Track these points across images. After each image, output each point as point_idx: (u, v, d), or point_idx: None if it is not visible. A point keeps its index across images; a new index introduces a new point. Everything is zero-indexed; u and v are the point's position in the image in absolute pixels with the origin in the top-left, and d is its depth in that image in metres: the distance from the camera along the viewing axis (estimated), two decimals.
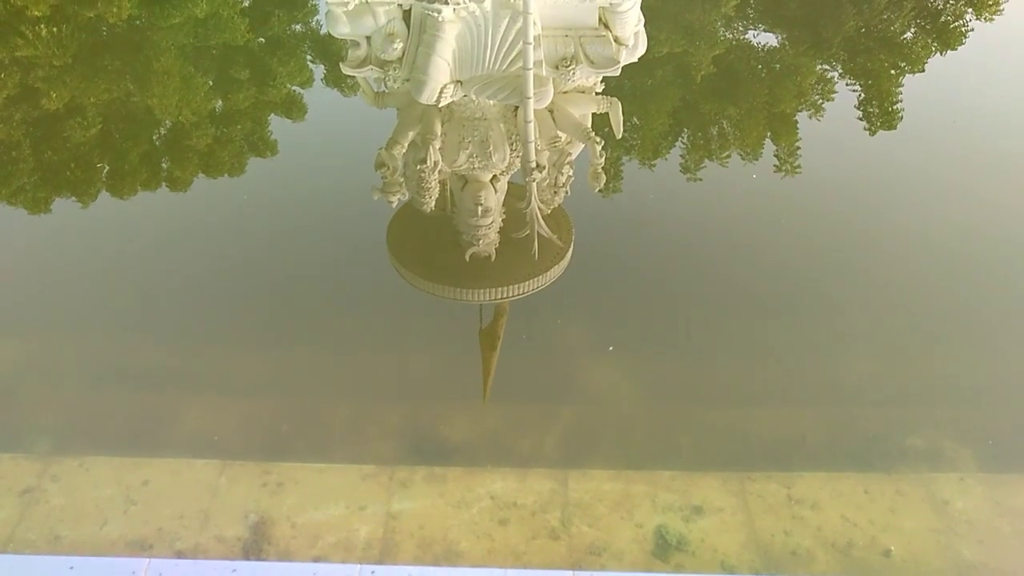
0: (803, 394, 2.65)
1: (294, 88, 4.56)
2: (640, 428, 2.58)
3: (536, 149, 3.19)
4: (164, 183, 3.88)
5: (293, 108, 4.46)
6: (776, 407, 2.58)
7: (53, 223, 3.56)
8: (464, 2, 2.89)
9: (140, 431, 2.50)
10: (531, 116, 3.08)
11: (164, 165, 4.00)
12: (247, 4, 5.13)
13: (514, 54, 3.06)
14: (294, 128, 4.31)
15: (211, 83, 4.51)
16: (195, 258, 3.28)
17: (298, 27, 5.01)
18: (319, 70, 4.59)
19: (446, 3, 2.88)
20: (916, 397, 2.62)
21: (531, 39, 2.92)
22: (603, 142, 3.28)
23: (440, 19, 2.93)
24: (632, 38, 3.11)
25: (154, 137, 4.15)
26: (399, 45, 3.06)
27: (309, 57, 4.73)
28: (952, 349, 2.77)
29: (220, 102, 4.43)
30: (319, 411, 2.61)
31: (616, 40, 3.08)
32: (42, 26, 4.61)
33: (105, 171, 3.92)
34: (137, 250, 3.31)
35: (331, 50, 4.61)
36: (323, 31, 4.45)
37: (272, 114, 4.39)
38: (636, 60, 3.25)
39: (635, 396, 2.69)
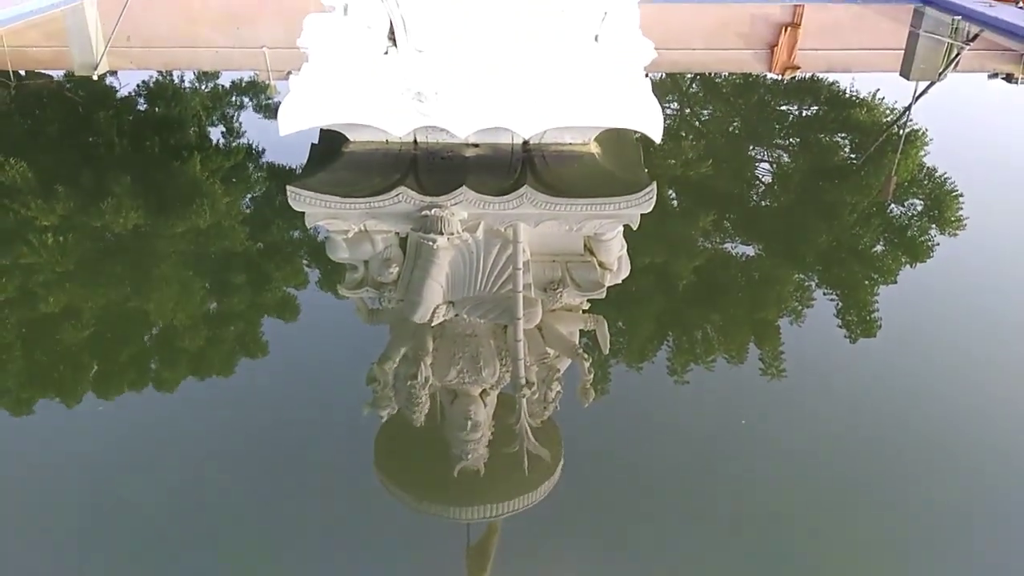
0: None
1: (288, 289, 4.78)
2: None
3: (526, 366, 3.34)
4: (151, 384, 3.96)
5: (286, 310, 4.65)
6: None
7: (36, 424, 3.59)
8: (458, 232, 3.15)
9: None
10: (520, 335, 3.25)
11: (153, 366, 4.10)
12: (248, 212, 5.51)
13: (504, 277, 3.29)
14: (286, 329, 4.47)
15: (207, 286, 4.73)
16: (174, 468, 3.29)
17: (296, 233, 5.36)
18: (314, 273, 4.85)
19: (440, 233, 3.15)
20: None
21: (520, 264, 3.17)
22: (591, 359, 3.44)
23: (435, 247, 3.18)
24: (616, 263, 3.37)
25: (146, 338, 4.29)
26: (395, 269, 3.29)
27: (305, 262, 5.01)
28: (937, 552, 2.76)
29: (215, 304, 4.63)
30: None
31: (601, 265, 3.34)
32: (49, 235, 4.90)
33: (93, 372, 4.01)
34: (118, 457, 3.32)
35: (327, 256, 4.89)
36: (320, 237, 4.77)
37: (265, 315, 4.56)
38: (620, 282, 3.49)
39: None
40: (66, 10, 8.61)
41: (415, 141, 4.21)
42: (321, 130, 4.59)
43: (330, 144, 4.45)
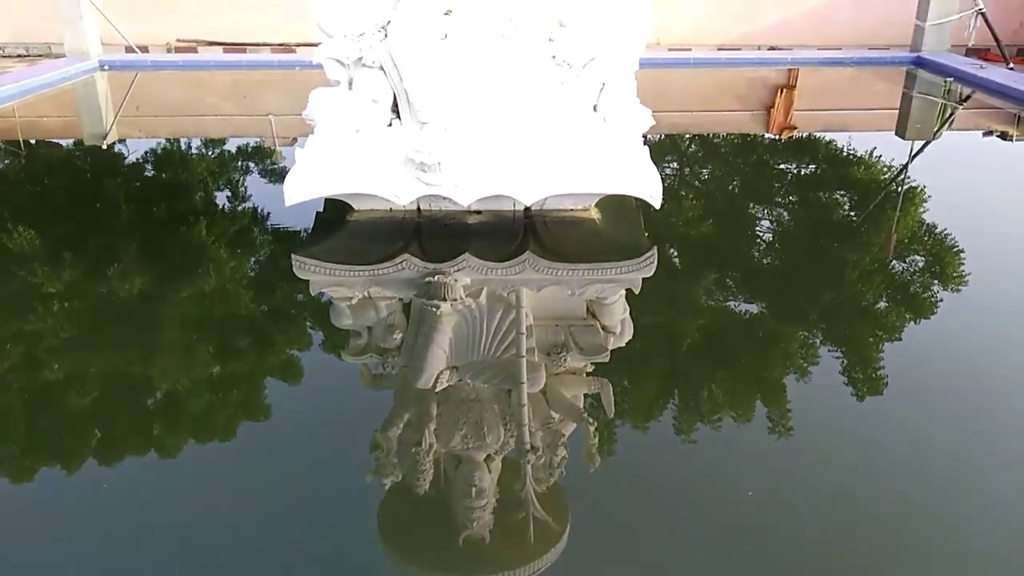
0: None
1: (291, 354, 4.81)
2: None
3: (530, 431, 3.34)
4: (153, 449, 3.95)
5: (290, 372, 4.67)
6: None
7: (36, 491, 3.57)
8: (461, 298, 3.20)
9: None
10: (525, 400, 3.27)
11: (155, 431, 4.10)
12: (253, 275, 5.58)
13: (508, 342, 3.32)
14: (289, 394, 4.48)
15: (211, 350, 4.77)
16: (175, 533, 3.26)
17: (300, 297, 5.41)
18: (317, 339, 4.88)
19: (444, 299, 3.19)
20: None
21: (523, 329, 3.20)
22: (596, 422, 3.44)
23: (438, 313, 3.22)
24: (619, 326, 3.41)
25: (149, 403, 4.30)
26: (398, 336, 3.33)
27: (309, 325, 5.05)
28: None
29: (218, 368, 4.65)
30: None
31: (604, 329, 3.37)
32: (54, 301, 4.97)
33: (95, 438, 4.02)
34: (118, 522, 3.30)
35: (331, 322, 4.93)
36: (325, 303, 4.82)
37: (268, 380, 4.57)
38: (624, 344, 3.52)
39: None
40: (77, 83, 8.88)
41: (418, 209, 4.31)
42: (326, 199, 4.69)
43: (335, 212, 4.55)
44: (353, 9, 4.07)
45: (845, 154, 6.93)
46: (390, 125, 4.15)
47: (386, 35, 3.90)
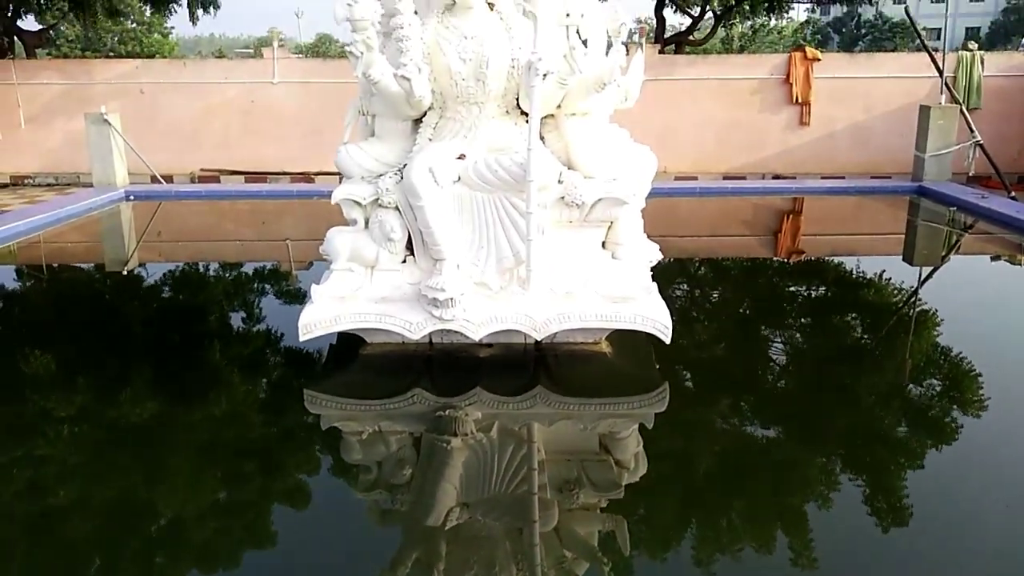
0: None
1: (300, 488, 4.73)
2: None
3: (543, 571, 3.24)
4: None
5: (298, 506, 4.58)
6: None
7: None
8: (472, 433, 3.20)
9: None
10: (537, 539, 3.20)
11: (158, 560, 4.00)
12: (263, 396, 5.58)
13: (519, 478, 3.30)
14: (296, 530, 4.38)
15: (219, 474, 4.71)
16: None
17: (311, 429, 5.39)
18: (327, 473, 4.83)
19: (455, 434, 3.19)
20: None
21: (535, 465, 3.17)
22: (610, 562, 3.34)
23: (449, 448, 3.21)
24: (633, 460, 3.38)
25: (153, 529, 4.22)
26: (408, 471, 3.30)
27: (319, 458, 5.00)
28: None
29: (224, 494, 4.58)
30: None
31: (617, 464, 3.34)
32: (65, 426, 4.97)
33: (95, 567, 3.91)
34: None
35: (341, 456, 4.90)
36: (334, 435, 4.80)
37: (275, 514, 4.48)
38: (638, 479, 3.47)
39: None
40: (103, 212, 9.24)
41: (430, 342, 4.37)
42: (339, 332, 4.77)
43: (348, 344, 4.61)
44: (372, 154, 4.30)
45: (854, 276, 7.03)
46: (404, 262, 4.29)
47: (402, 177, 4.09)
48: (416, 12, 4.05)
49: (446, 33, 4.12)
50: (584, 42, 4.27)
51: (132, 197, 9.80)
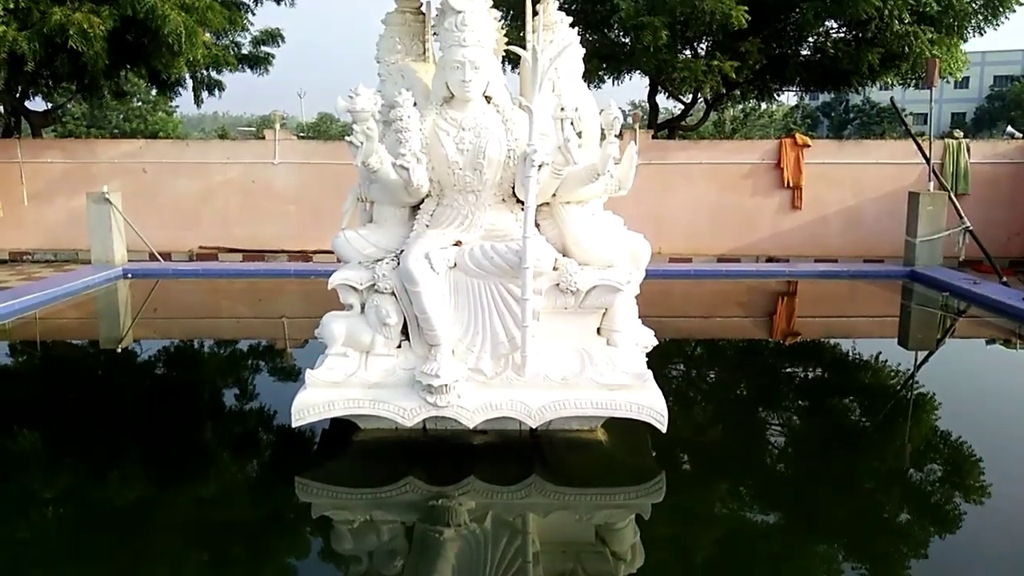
0: None
1: (290, 565, 4.62)
2: None
3: None
4: None
5: None
6: None
7: None
8: (465, 523, 3.16)
9: None
10: None
11: None
12: (254, 480, 5.49)
13: (514, 570, 3.25)
14: None
15: (205, 559, 4.59)
16: None
17: (300, 504, 5.28)
18: (316, 562, 4.72)
19: (447, 524, 3.16)
20: None
21: (530, 556, 3.13)
22: None
23: (442, 538, 3.17)
24: (629, 552, 3.33)
25: None
26: (400, 562, 3.25)
27: (308, 546, 4.90)
28: None
29: None
30: None
31: (614, 555, 3.32)
32: (49, 508, 4.88)
33: None
34: None
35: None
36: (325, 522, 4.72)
37: None
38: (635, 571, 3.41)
39: None
40: (100, 290, 9.30)
41: (424, 428, 4.35)
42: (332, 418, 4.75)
43: (341, 428, 4.59)
44: (369, 240, 4.39)
45: (850, 358, 7.05)
46: (399, 347, 4.32)
47: (398, 263, 4.17)
48: (415, 104, 4.21)
49: (444, 124, 4.26)
50: (579, 134, 4.42)
51: (130, 275, 9.89)
